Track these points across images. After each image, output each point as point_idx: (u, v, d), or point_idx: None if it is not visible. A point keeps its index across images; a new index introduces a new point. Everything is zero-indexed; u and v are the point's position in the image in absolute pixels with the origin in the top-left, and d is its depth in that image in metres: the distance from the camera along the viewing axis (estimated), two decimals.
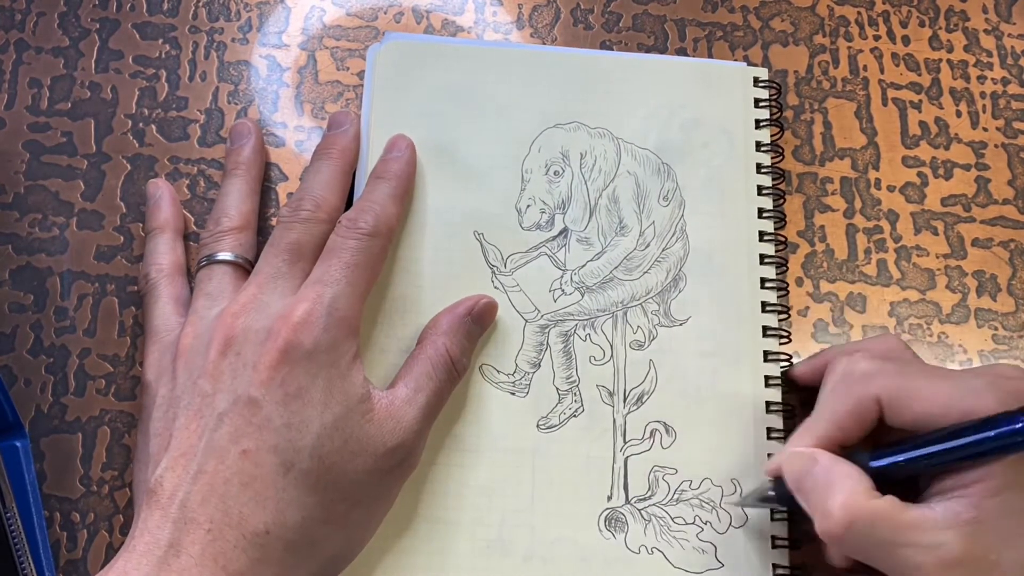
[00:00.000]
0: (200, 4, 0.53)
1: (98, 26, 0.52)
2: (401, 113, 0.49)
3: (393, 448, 0.39)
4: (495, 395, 0.45)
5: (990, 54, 0.54)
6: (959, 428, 0.36)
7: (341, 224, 0.42)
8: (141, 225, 0.48)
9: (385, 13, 0.53)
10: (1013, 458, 0.34)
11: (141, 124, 0.50)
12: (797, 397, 0.47)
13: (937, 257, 0.51)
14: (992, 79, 0.54)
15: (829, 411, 0.40)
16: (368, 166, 0.48)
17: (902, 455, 0.37)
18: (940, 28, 0.55)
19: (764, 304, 0.47)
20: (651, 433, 0.45)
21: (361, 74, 0.52)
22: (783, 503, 0.42)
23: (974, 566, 0.35)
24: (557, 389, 0.45)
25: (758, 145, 0.50)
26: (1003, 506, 0.35)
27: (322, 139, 0.48)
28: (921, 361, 0.43)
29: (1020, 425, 0.34)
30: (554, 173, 0.48)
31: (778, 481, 0.41)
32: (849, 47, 0.54)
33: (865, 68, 0.54)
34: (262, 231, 0.49)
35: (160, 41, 0.52)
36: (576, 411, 0.45)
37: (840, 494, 0.37)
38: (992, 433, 0.34)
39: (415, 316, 0.45)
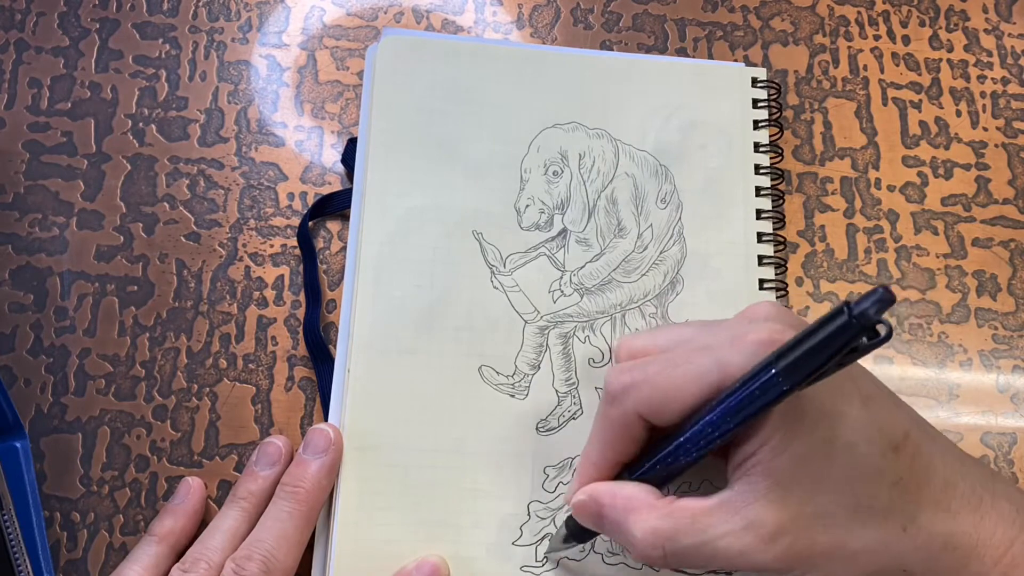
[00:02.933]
0: (200, 4, 0.53)
1: (98, 26, 0.52)
2: (400, 109, 0.49)
3: None
4: (495, 397, 0.45)
5: (990, 54, 0.54)
6: (714, 403, 0.34)
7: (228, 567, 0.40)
8: (142, 225, 0.48)
9: (385, 13, 0.53)
10: (781, 408, 0.32)
11: (141, 124, 0.50)
12: None
13: (937, 257, 0.51)
14: (992, 79, 0.54)
15: (598, 440, 0.38)
16: (366, 164, 0.48)
17: (666, 449, 0.36)
18: (940, 28, 0.55)
19: None
20: None
21: (361, 74, 0.52)
22: (582, 537, 0.40)
23: (796, 526, 0.34)
24: (557, 391, 0.45)
25: (756, 146, 0.50)
26: (795, 457, 0.34)
27: (295, 463, 0.43)
28: (677, 339, 0.38)
29: (759, 384, 0.32)
30: (553, 173, 0.48)
31: (572, 518, 0.40)
32: (849, 47, 0.54)
33: (865, 68, 0.54)
34: (262, 231, 0.49)
35: (160, 41, 0.52)
36: (575, 413, 0.45)
37: (635, 525, 0.35)
38: (739, 396, 0.32)
39: (414, 316, 0.46)
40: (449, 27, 0.53)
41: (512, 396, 0.45)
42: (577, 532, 0.40)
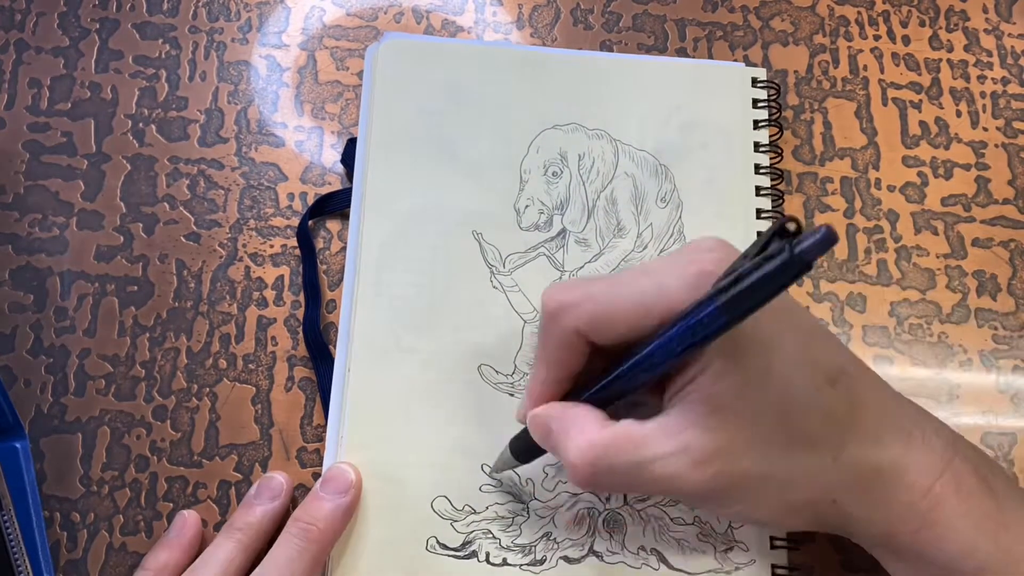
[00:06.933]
0: (200, 4, 0.53)
1: (98, 26, 0.52)
2: (400, 112, 0.49)
3: None
4: (494, 396, 0.45)
5: (990, 54, 0.54)
6: (660, 332, 0.34)
7: None
8: (142, 225, 0.48)
9: (385, 13, 0.53)
10: (724, 339, 0.32)
11: (141, 124, 0.50)
12: None
13: (937, 257, 0.50)
14: (992, 79, 0.54)
15: (542, 358, 0.38)
16: (366, 164, 0.48)
17: (612, 375, 0.36)
18: (940, 28, 0.55)
19: None
20: None
21: (361, 74, 0.52)
22: (525, 458, 0.41)
23: (729, 452, 0.34)
24: None
25: (756, 146, 0.50)
26: (732, 385, 0.33)
27: (311, 496, 0.42)
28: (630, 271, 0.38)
29: (702, 316, 0.31)
30: (552, 174, 0.48)
31: (516, 439, 0.41)
32: (849, 47, 0.54)
33: (865, 68, 0.54)
34: (262, 231, 0.49)
35: (160, 41, 0.52)
36: None
37: (572, 440, 0.35)
38: (682, 326, 0.32)
39: (414, 315, 0.46)
40: (449, 27, 0.53)
41: (511, 395, 0.45)
42: (521, 453, 0.41)
